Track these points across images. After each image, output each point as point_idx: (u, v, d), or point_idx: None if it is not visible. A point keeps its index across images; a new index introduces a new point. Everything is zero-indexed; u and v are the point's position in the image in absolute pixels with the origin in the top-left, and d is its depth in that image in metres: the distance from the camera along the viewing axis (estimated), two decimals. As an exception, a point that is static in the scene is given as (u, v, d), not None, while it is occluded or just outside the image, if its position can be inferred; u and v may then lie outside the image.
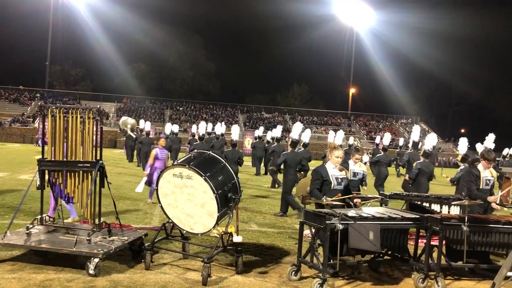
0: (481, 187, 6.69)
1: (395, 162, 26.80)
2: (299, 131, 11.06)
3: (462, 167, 10.68)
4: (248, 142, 35.64)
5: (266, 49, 69.55)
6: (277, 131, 18.50)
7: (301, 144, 12.61)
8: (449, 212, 6.90)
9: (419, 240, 5.82)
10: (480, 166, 6.85)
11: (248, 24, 64.28)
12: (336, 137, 12.83)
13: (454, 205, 6.90)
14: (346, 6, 56.93)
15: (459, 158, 11.35)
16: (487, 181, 6.79)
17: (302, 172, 10.16)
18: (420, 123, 57.08)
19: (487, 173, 6.81)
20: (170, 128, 22.55)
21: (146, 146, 18.66)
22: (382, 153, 13.45)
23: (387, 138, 15.41)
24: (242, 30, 65.43)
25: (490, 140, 12.81)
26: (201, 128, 19.91)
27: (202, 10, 64.67)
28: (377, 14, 58.97)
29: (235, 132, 13.83)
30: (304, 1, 58.25)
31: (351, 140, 26.82)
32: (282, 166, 9.99)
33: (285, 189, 9.59)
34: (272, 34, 67.38)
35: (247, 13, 62.87)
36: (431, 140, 11.67)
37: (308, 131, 13.70)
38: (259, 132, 24.55)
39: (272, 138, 20.12)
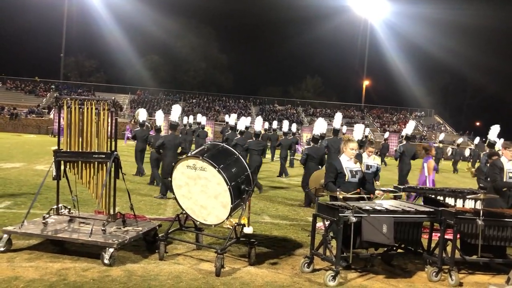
0: (504, 180, 6.64)
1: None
2: (178, 114, 10.98)
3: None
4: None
5: (279, 41, 69.29)
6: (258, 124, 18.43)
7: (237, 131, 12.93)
8: (463, 205, 6.84)
9: (433, 234, 5.78)
10: (503, 159, 6.80)
11: (261, 16, 64.10)
12: (355, 131, 12.29)
13: (469, 198, 6.82)
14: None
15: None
16: (510, 173, 6.72)
17: (184, 156, 10.35)
18: (434, 116, 56.54)
19: (509, 165, 6.74)
20: (197, 119, 22.53)
21: (140, 142, 13.63)
22: (405, 142, 12.03)
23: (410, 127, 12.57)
24: (254, 21, 65.16)
25: (494, 133, 12.30)
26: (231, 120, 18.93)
27: (214, 2, 64.47)
28: (391, 5, 58.25)
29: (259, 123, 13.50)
30: (318, -8, 57.72)
31: (366, 131, 26.71)
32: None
33: (165, 171, 9.74)
34: (285, 25, 67.03)
35: (260, 5, 62.58)
36: (321, 126, 11.35)
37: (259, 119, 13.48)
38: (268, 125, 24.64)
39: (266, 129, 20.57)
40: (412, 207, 5.53)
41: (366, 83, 61.57)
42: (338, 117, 12.80)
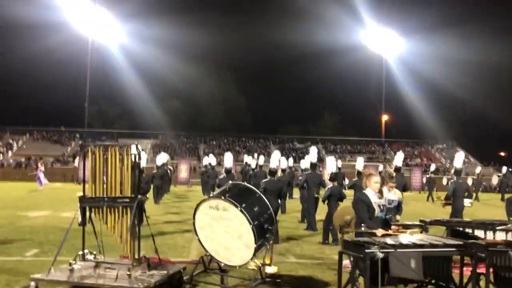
0: None
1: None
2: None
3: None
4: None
5: (296, 79, 70.25)
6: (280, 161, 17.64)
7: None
8: (494, 237, 6.63)
9: (464, 268, 5.60)
10: None
11: (277, 54, 65.18)
12: (328, 164, 12.03)
13: (499, 230, 6.63)
14: (374, 34, 57.04)
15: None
16: None
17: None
18: (456, 147, 55.68)
19: None
20: (208, 160, 22.30)
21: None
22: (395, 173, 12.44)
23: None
24: (271, 60, 66.27)
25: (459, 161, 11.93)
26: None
27: (230, 43, 65.57)
28: (406, 42, 58.71)
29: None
30: (332, 30, 58.66)
31: (380, 168, 26.74)
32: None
33: None
34: (300, 64, 68.10)
35: (275, 43, 63.66)
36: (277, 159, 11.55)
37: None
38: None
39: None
40: (440, 240, 5.39)
41: (385, 118, 61.41)
42: (313, 151, 12.42)
